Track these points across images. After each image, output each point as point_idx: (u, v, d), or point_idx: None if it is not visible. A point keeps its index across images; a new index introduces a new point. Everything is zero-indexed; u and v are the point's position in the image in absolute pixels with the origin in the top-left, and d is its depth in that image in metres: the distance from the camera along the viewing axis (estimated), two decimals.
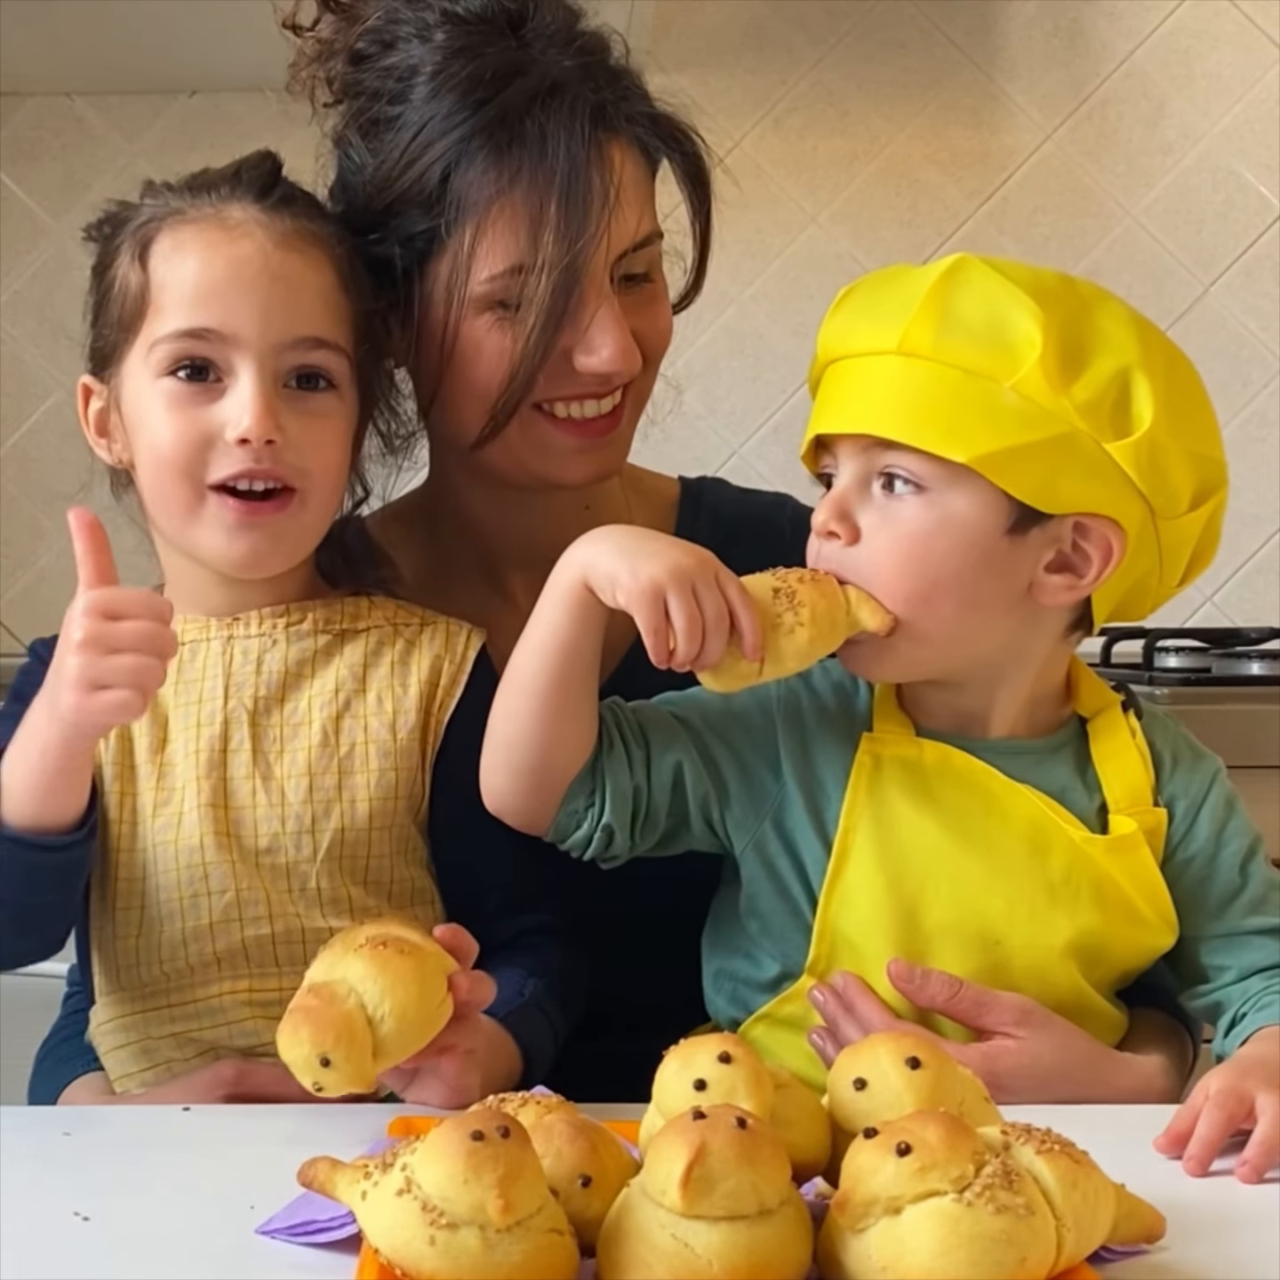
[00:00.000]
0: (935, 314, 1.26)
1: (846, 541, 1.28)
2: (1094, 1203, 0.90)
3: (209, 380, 1.34)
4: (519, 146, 1.43)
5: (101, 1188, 1.10)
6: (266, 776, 1.36)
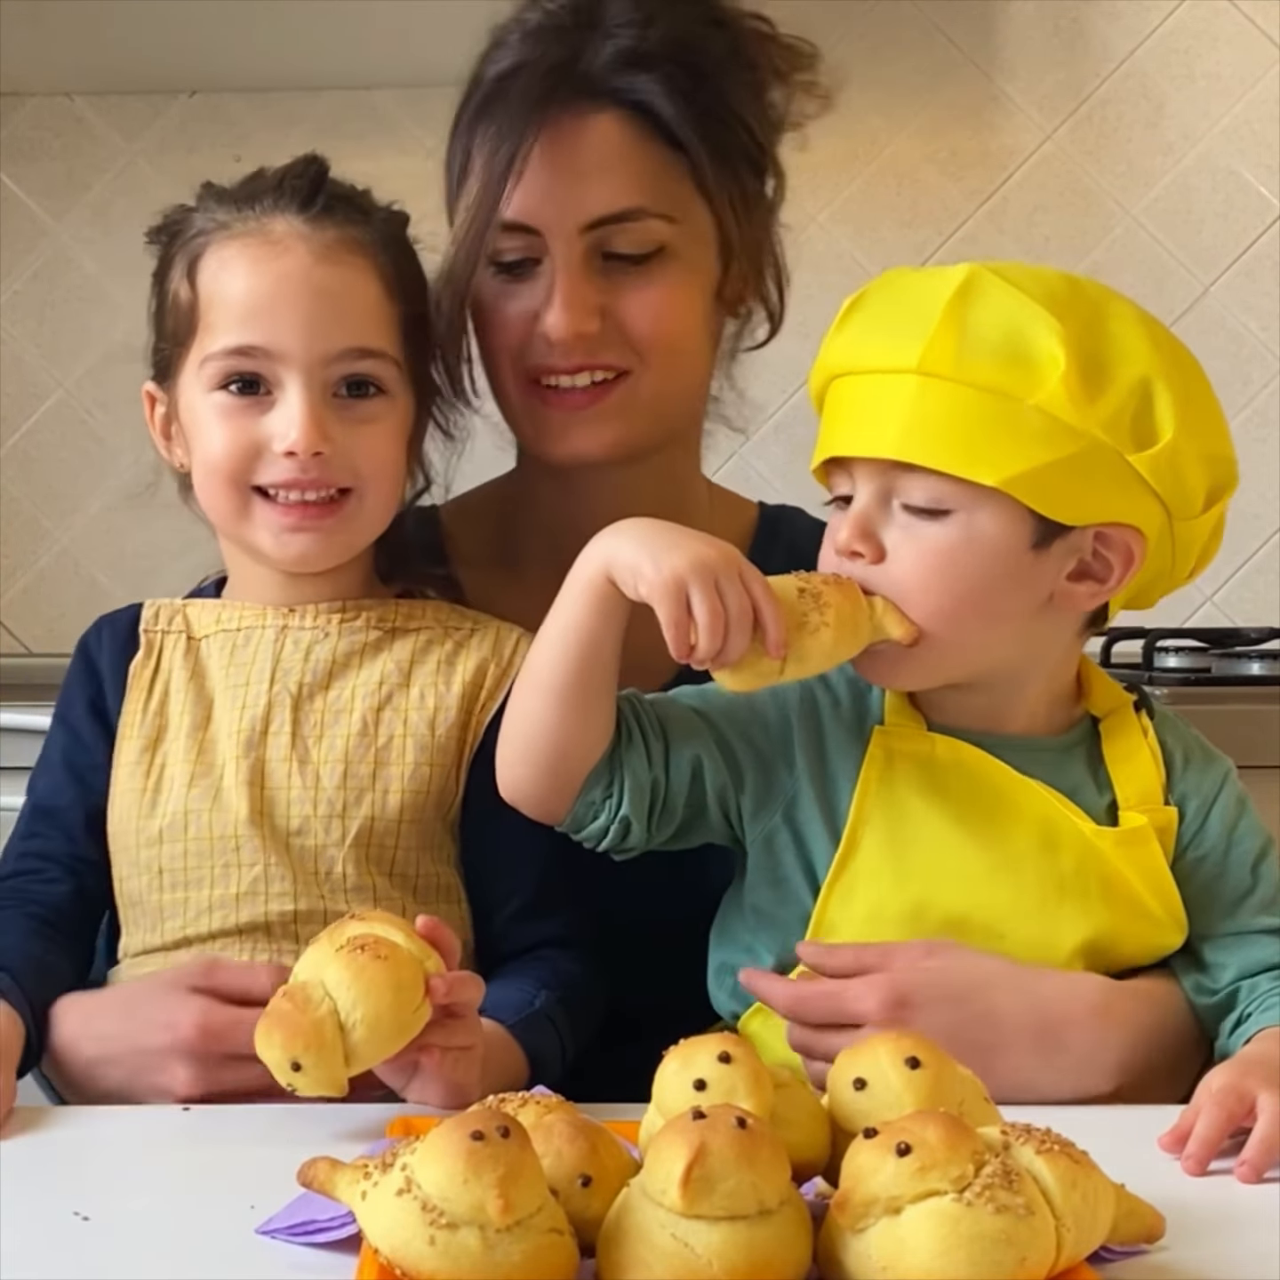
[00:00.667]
0: (954, 332, 1.25)
1: (870, 560, 1.27)
2: (1094, 1203, 0.90)
3: (259, 393, 1.38)
4: (493, 103, 1.49)
5: (101, 1188, 1.10)
6: (303, 760, 1.38)
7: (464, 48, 2.79)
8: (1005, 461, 1.24)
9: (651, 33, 1.49)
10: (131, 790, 1.40)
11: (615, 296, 1.49)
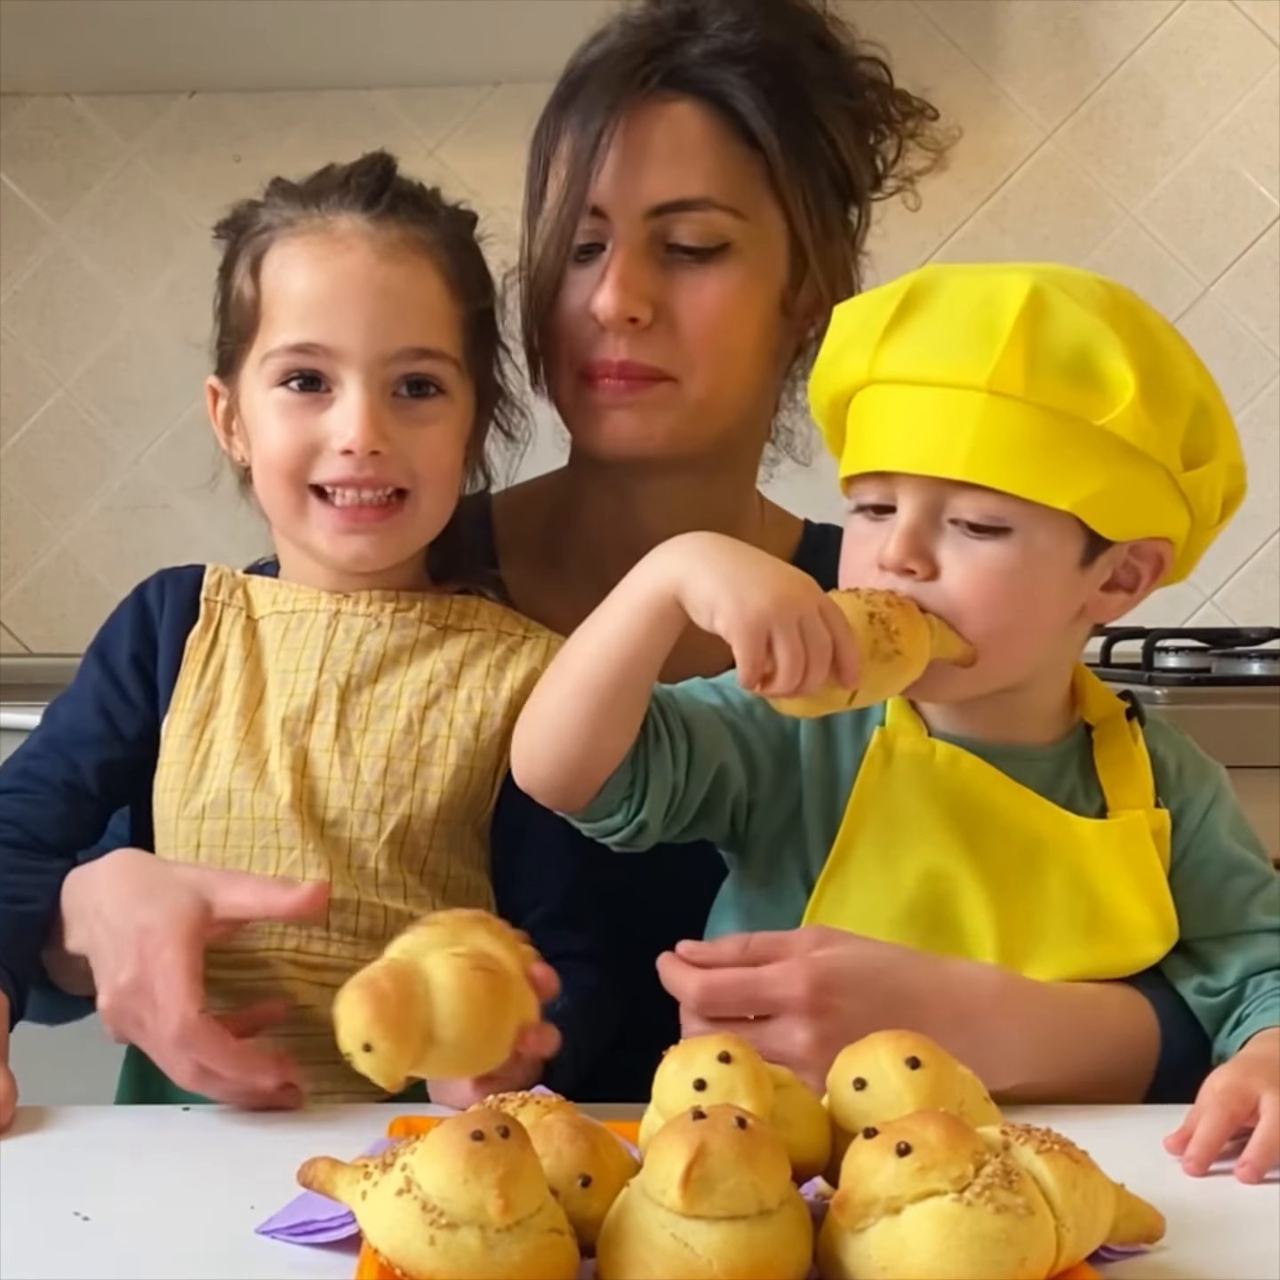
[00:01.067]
0: (1024, 351, 1.23)
1: (922, 577, 1.26)
2: (1094, 1203, 0.90)
3: (319, 390, 1.39)
4: (574, 96, 1.50)
5: (101, 1188, 1.10)
6: (345, 752, 1.39)
7: (464, 48, 2.80)
8: (1074, 483, 1.24)
9: (745, 35, 1.49)
10: (179, 763, 1.40)
11: (671, 291, 1.47)
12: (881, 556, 1.26)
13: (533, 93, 2.68)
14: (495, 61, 2.86)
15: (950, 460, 1.24)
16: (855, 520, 1.32)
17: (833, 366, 1.34)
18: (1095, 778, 1.34)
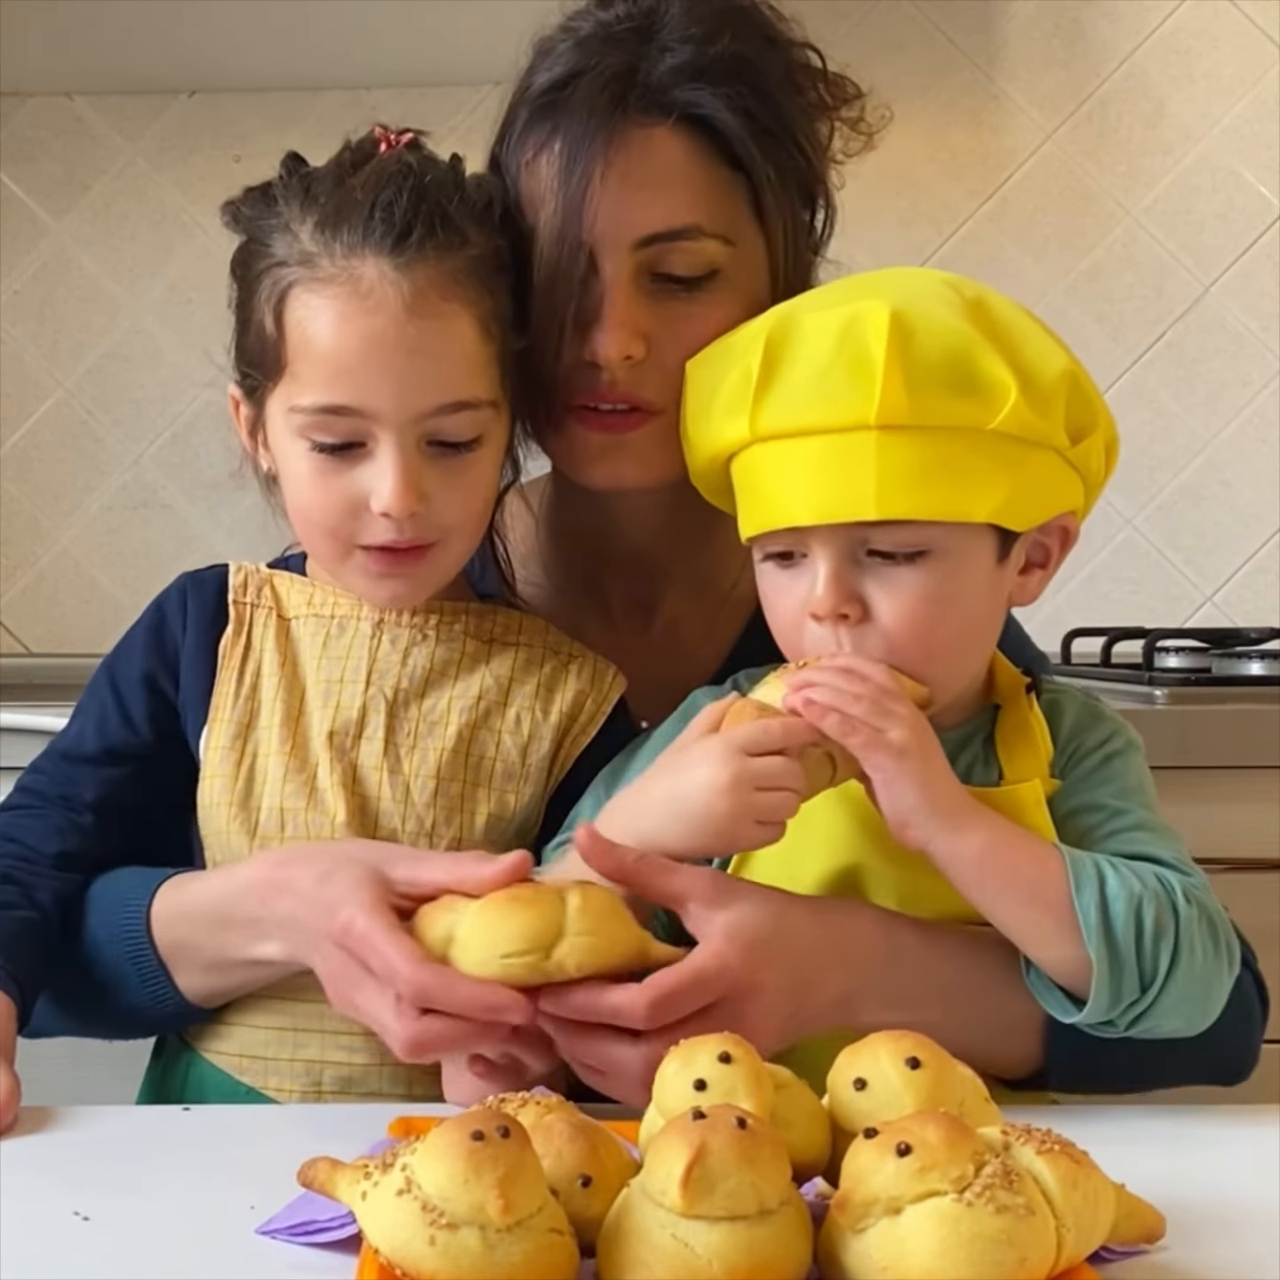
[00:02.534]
0: (903, 378, 1.23)
1: (855, 620, 1.26)
2: (1094, 1203, 0.90)
3: (351, 448, 1.34)
4: (550, 113, 1.44)
5: (101, 1188, 1.10)
6: (394, 770, 1.37)
7: (463, 48, 2.80)
8: (983, 493, 1.25)
9: (710, 49, 1.44)
10: (224, 776, 1.38)
11: (660, 322, 1.43)
12: (813, 607, 1.27)
13: None
14: (495, 61, 2.85)
15: (861, 503, 1.24)
16: (767, 569, 1.32)
17: (704, 429, 1.34)
18: (995, 752, 1.34)
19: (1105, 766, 1.33)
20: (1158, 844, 1.27)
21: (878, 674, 1.23)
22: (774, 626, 1.33)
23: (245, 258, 1.40)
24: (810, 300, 1.34)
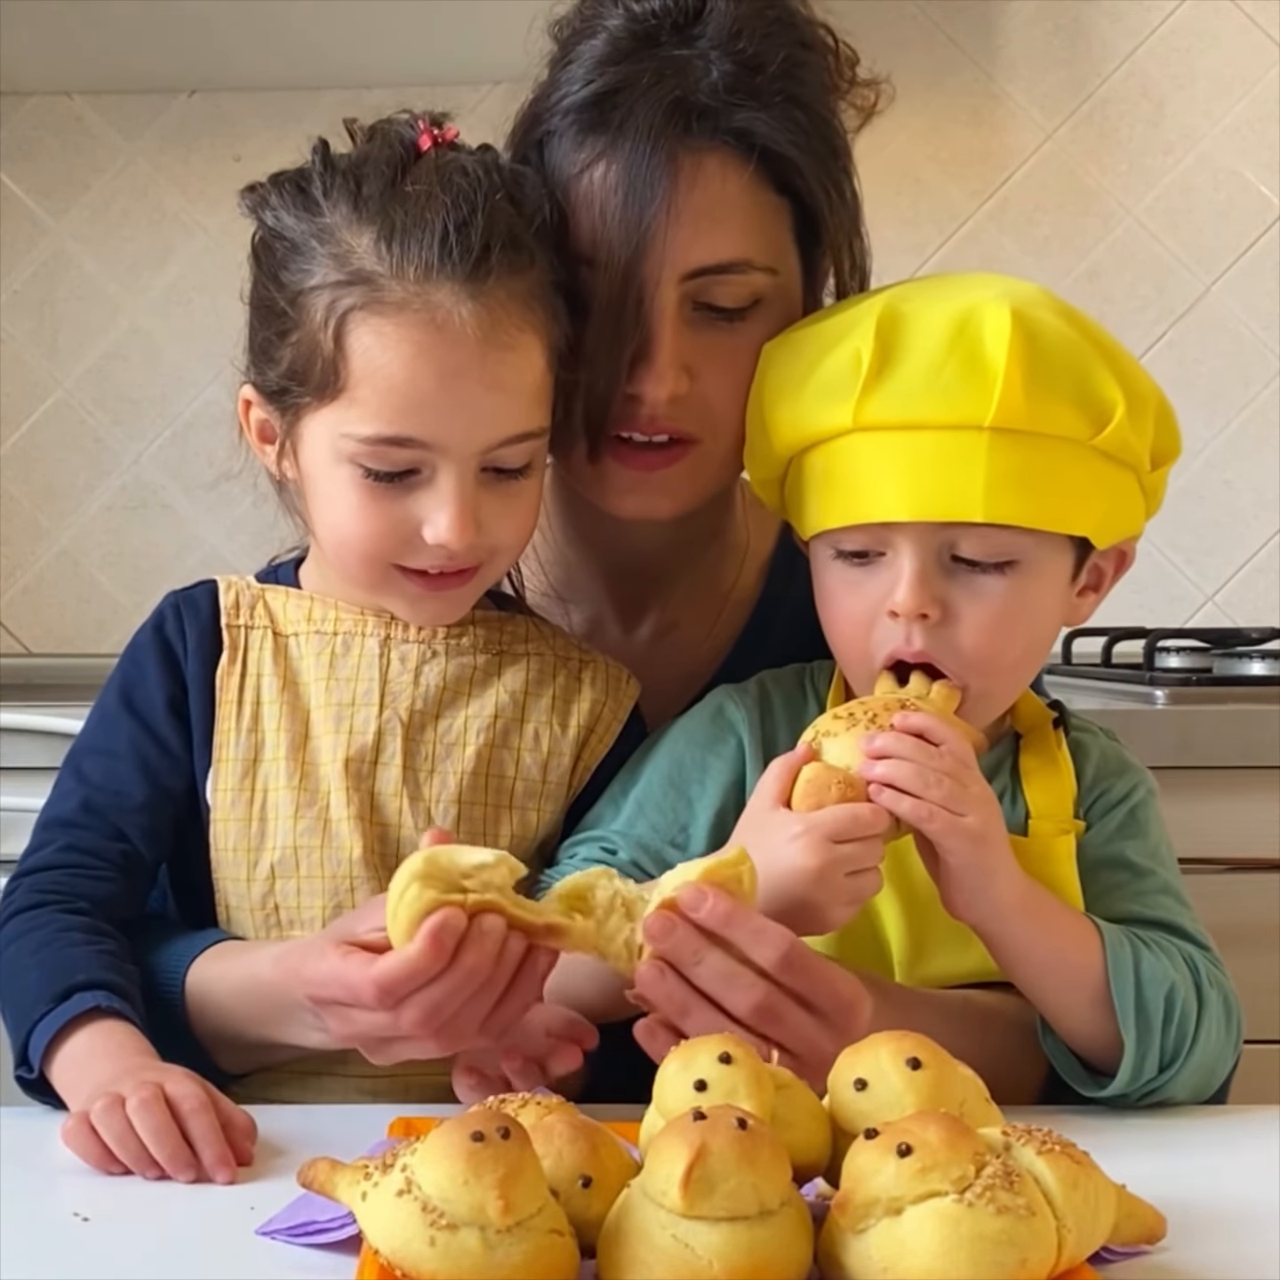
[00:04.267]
0: (1023, 382, 1.22)
1: (935, 620, 1.25)
2: (1095, 1203, 0.90)
3: (406, 475, 1.29)
4: (599, 130, 1.38)
5: (101, 1188, 1.10)
6: (414, 797, 1.33)
7: (463, 48, 2.79)
8: (1084, 506, 1.26)
9: (756, 61, 1.38)
10: (237, 820, 1.34)
11: (703, 358, 1.39)
12: (894, 604, 1.25)
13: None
14: (495, 61, 2.84)
15: (968, 504, 1.23)
16: (835, 566, 1.30)
17: (789, 414, 1.31)
18: (1021, 786, 1.34)
19: (1132, 821, 1.34)
20: (1181, 912, 1.30)
21: (954, 742, 1.20)
22: (835, 623, 1.31)
23: (280, 259, 1.32)
24: (910, 292, 1.31)
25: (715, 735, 1.37)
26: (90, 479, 3.05)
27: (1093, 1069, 1.25)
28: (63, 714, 2.15)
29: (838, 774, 1.20)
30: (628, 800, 1.35)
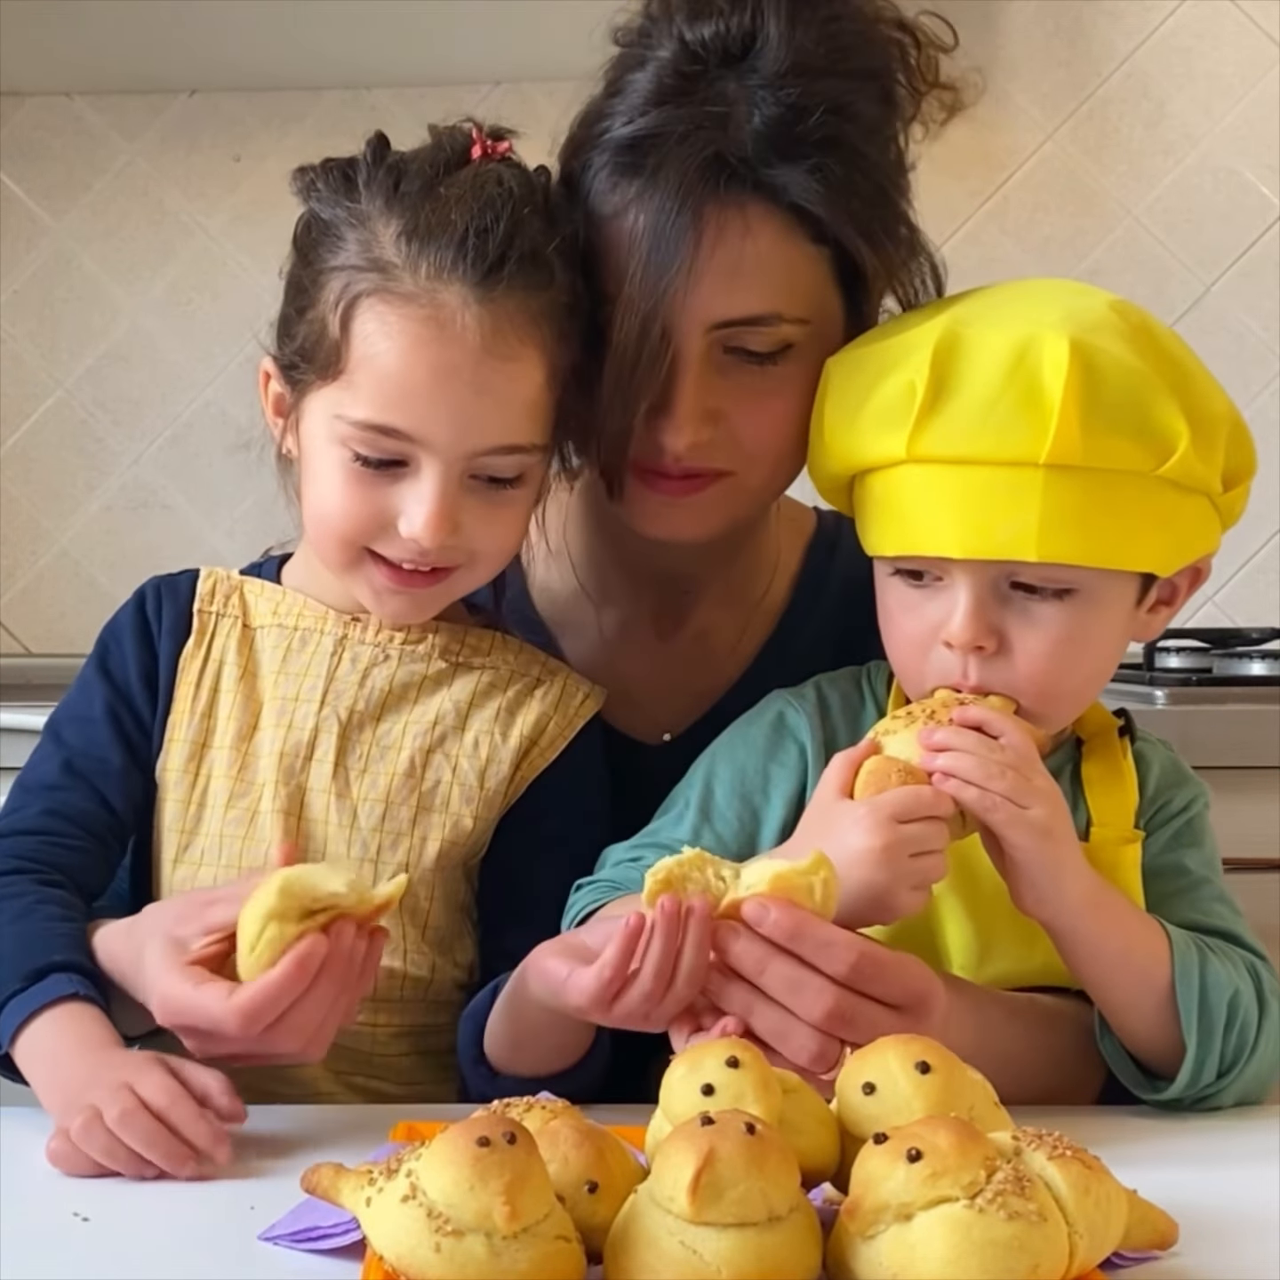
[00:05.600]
0: (1079, 418, 1.19)
1: (991, 651, 1.25)
2: (1106, 1209, 0.89)
3: (392, 465, 1.30)
4: (633, 175, 1.37)
5: (101, 1188, 1.09)
6: (342, 794, 1.34)
7: (464, 48, 2.79)
8: (1144, 541, 1.24)
9: (801, 98, 1.35)
10: (177, 801, 1.36)
11: (732, 401, 1.38)
12: (949, 635, 1.25)
13: (533, 93, 2.68)
14: (495, 61, 2.85)
15: (1021, 544, 1.21)
16: (895, 584, 1.30)
17: (846, 437, 1.30)
18: (1083, 792, 1.33)
19: (1189, 830, 1.34)
20: (1236, 921, 1.30)
21: (1015, 735, 1.20)
22: (893, 642, 1.31)
23: (314, 239, 1.34)
24: (973, 312, 1.29)
25: (776, 743, 1.37)
26: (90, 479, 3.05)
27: (1148, 1071, 1.25)
28: None
29: (899, 763, 1.20)
30: (690, 809, 1.35)
